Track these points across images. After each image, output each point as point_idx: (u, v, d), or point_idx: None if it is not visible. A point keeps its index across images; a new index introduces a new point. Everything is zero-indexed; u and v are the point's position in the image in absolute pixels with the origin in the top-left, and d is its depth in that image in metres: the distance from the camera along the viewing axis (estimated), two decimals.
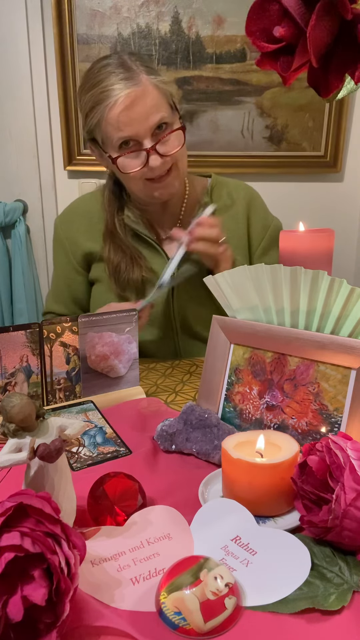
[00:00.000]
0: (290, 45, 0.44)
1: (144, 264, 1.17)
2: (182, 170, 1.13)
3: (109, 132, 1.05)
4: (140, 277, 1.16)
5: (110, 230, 1.18)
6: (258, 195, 1.28)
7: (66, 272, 1.25)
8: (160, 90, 1.05)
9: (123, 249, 1.17)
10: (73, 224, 1.23)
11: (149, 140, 1.04)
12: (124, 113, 1.02)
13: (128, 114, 1.02)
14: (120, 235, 1.17)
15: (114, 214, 1.19)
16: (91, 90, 1.05)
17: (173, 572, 0.49)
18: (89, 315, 0.86)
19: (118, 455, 0.75)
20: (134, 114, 1.02)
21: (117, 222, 1.18)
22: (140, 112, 1.02)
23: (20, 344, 0.81)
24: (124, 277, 1.16)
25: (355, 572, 0.51)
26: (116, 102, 1.02)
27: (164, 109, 1.05)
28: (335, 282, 0.68)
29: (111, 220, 1.19)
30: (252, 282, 0.75)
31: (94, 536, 0.56)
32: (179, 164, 1.10)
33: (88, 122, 1.08)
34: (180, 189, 1.16)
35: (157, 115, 1.03)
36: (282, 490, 0.59)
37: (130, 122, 1.02)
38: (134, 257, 1.16)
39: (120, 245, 1.17)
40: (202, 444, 0.73)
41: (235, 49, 1.81)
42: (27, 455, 0.52)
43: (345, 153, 1.95)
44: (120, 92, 1.01)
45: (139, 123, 1.02)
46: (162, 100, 1.05)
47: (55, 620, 0.43)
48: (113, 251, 1.17)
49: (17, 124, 1.87)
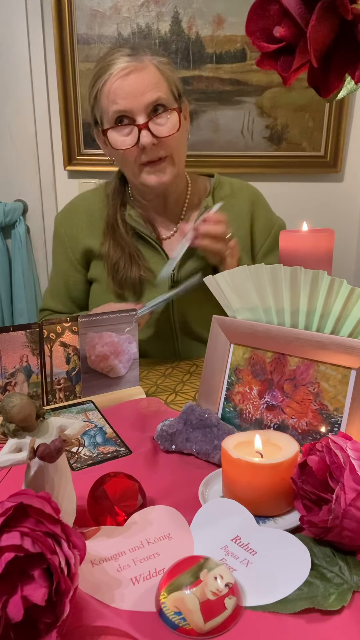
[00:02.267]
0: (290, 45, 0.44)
1: (143, 263, 1.17)
2: (178, 163, 1.12)
3: (104, 105, 1.05)
4: (139, 275, 1.16)
5: (111, 225, 1.18)
6: (261, 195, 1.27)
7: (65, 268, 1.25)
8: (162, 72, 1.05)
9: (122, 246, 1.16)
10: (73, 220, 1.23)
11: (143, 117, 1.03)
12: (118, 83, 1.02)
13: (122, 86, 1.02)
14: (121, 232, 1.17)
15: (116, 209, 1.18)
16: (98, 68, 1.07)
17: (173, 572, 0.49)
18: (89, 315, 0.86)
19: (118, 455, 0.75)
20: (129, 87, 1.02)
21: (119, 218, 1.18)
22: (135, 86, 1.02)
23: (20, 344, 0.81)
24: (122, 275, 1.16)
25: (355, 572, 0.51)
26: (112, 74, 1.03)
27: (162, 91, 1.04)
28: (335, 282, 0.68)
29: (113, 215, 1.18)
30: (252, 282, 0.75)
31: (94, 536, 0.56)
32: (175, 156, 1.09)
33: (90, 100, 1.09)
34: (175, 183, 1.16)
35: (154, 94, 1.03)
36: (282, 490, 0.59)
37: (124, 95, 1.02)
38: (133, 256, 1.16)
39: (120, 242, 1.17)
40: (202, 444, 0.73)
41: (235, 49, 1.81)
42: (27, 455, 0.52)
43: (345, 153, 1.95)
44: (118, 64, 1.03)
45: (134, 97, 1.02)
46: (162, 82, 1.05)
47: (55, 620, 0.43)
48: (113, 248, 1.17)
49: (17, 124, 1.87)
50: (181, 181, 1.20)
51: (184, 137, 1.13)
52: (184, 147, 1.14)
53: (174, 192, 1.18)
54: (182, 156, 1.13)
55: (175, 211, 1.21)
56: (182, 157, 1.14)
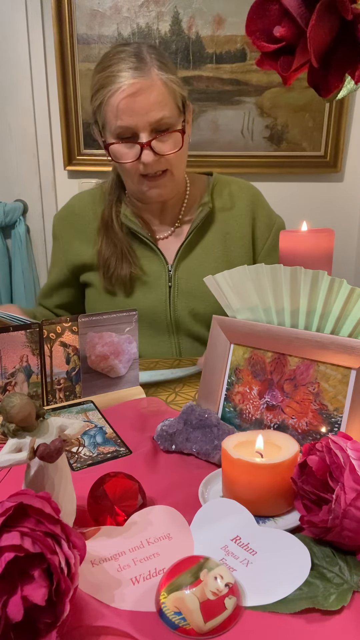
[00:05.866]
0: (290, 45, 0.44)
1: (135, 261, 1.17)
2: (178, 177, 1.12)
3: (108, 118, 1.05)
4: (129, 273, 1.16)
5: (106, 222, 1.18)
6: (260, 193, 1.27)
7: (59, 271, 1.26)
8: (169, 89, 1.04)
9: (116, 243, 1.17)
10: (71, 224, 1.24)
11: (146, 135, 1.03)
12: (125, 102, 1.01)
13: (129, 104, 1.01)
14: (116, 229, 1.17)
15: (112, 206, 1.19)
16: (100, 72, 1.05)
17: (173, 572, 0.49)
18: (89, 315, 0.86)
19: (118, 455, 0.75)
20: (135, 104, 1.01)
21: (114, 215, 1.18)
22: (141, 104, 1.01)
23: (20, 344, 0.81)
24: (113, 272, 1.17)
25: (355, 572, 0.51)
26: (119, 89, 1.01)
27: (168, 109, 1.03)
28: (335, 282, 0.68)
29: (109, 212, 1.18)
30: (252, 282, 0.75)
31: (94, 536, 0.56)
32: (175, 171, 1.10)
33: (93, 104, 1.08)
34: (174, 193, 1.16)
35: (159, 113, 1.02)
36: (282, 490, 0.59)
37: (129, 113, 1.02)
38: (125, 254, 1.16)
39: (113, 239, 1.17)
40: (202, 444, 0.73)
41: (235, 49, 1.81)
42: (27, 455, 0.52)
43: (345, 153, 1.95)
44: (125, 80, 1.01)
45: (139, 116, 1.02)
46: (168, 99, 1.04)
47: (55, 620, 0.43)
48: (105, 245, 1.17)
49: (17, 124, 1.87)
50: (180, 184, 1.20)
51: (185, 151, 1.13)
52: (184, 159, 1.14)
53: (173, 197, 1.18)
54: (182, 168, 1.14)
55: (174, 212, 1.21)
56: (182, 169, 1.14)
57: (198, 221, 1.17)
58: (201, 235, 1.19)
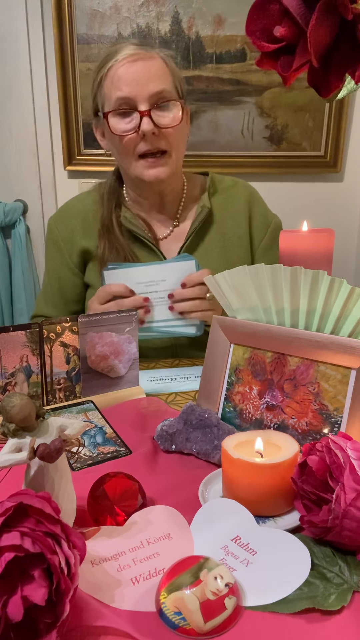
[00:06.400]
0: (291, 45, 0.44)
1: None
2: (176, 160, 1.12)
3: (108, 90, 1.06)
4: None
5: (106, 226, 1.18)
6: (257, 192, 1.27)
7: (60, 273, 1.25)
8: (169, 66, 1.06)
9: (117, 248, 1.16)
10: (68, 223, 1.23)
11: (145, 105, 1.04)
12: (125, 69, 1.03)
13: (128, 72, 1.03)
14: (117, 233, 1.17)
15: (111, 210, 1.18)
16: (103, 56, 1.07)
17: (173, 572, 0.49)
18: (89, 315, 0.86)
19: (118, 455, 0.75)
20: (134, 74, 1.02)
21: (114, 219, 1.18)
22: (141, 74, 1.03)
23: (20, 344, 0.81)
24: None
25: (355, 572, 0.51)
26: (119, 60, 1.03)
27: (167, 83, 1.05)
28: (335, 282, 0.68)
29: (108, 216, 1.18)
30: (252, 282, 0.75)
31: (94, 536, 0.56)
32: (173, 153, 1.09)
33: (94, 88, 1.09)
34: (173, 180, 1.16)
35: (159, 85, 1.03)
36: (282, 490, 0.59)
37: (129, 82, 1.03)
38: (128, 259, 1.16)
39: (115, 244, 1.16)
40: (202, 444, 0.73)
41: (235, 49, 1.81)
42: (27, 455, 0.52)
43: (345, 153, 1.95)
44: (126, 51, 1.03)
45: (138, 84, 1.03)
46: (168, 75, 1.06)
47: (55, 620, 0.43)
48: (108, 250, 1.17)
49: (17, 124, 1.87)
50: (178, 180, 1.20)
51: (184, 135, 1.13)
52: (183, 146, 1.14)
53: (171, 192, 1.18)
54: (180, 154, 1.13)
55: (172, 210, 1.21)
56: (180, 155, 1.14)
57: (197, 223, 1.17)
58: (200, 236, 1.20)
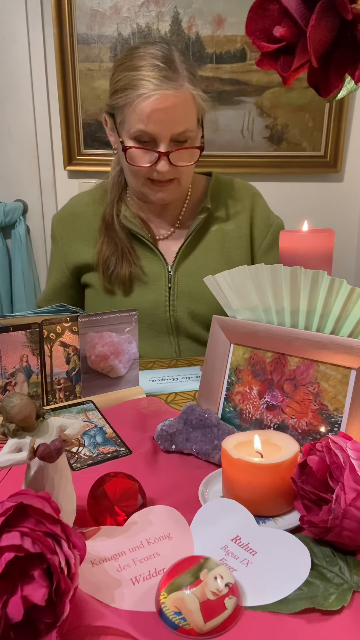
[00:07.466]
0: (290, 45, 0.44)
1: (135, 261, 1.17)
2: (184, 185, 1.14)
3: (132, 120, 1.03)
4: (129, 272, 1.16)
5: (107, 221, 1.18)
6: (259, 193, 1.28)
7: (57, 272, 1.26)
8: (196, 104, 1.04)
9: (116, 242, 1.17)
10: (70, 225, 1.23)
11: (166, 145, 1.03)
12: (155, 111, 1.00)
13: (158, 114, 1.00)
14: (116, 228, 1.17)
15: (113, 204, 1.19)
16: (128, 71, 1.02)
17: (173, 572, 0.49)
18: (89, 315, 0.86)
19: (118, 455, 0.75)
20: (164, 116, 1.01)
21: (114, 214, 1.18)
22: (170, 117, 1.01)
23: (20, 344, 0.81)
24: (112, 271, 1.17)
25: (355, 572, 0.51)
26: (151, 97, 0.99)
27: (191, 123, 1.04)
28: (335, 282, 0.68)
29: (110, 211, 1.18)
30: (252, 282, 0.75)
31: (94, 536, 0.56)
32: (182, 180, 1.11)
33: (113, 100, 1.06)
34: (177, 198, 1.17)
35: (183, 126, 1.03)
36: (282, 490, 0.59)
37: (156, 122, 1.01)
38: (125, 253, 1.16)
39: (114, 238, 1.17)
40: (202, 444, 0.73)
41: (235, 49, 1.81)
42: (27, 455, 0.52)
43: (345, 153, 1.95)
44: (158, 88, 0.99)
45: (165, 127, 1.02)
46: (193, 113, 1.04)
47: (55, 620, 0.43)
48: (106, 244, 1.17)
49: (17, 124, 1.87)
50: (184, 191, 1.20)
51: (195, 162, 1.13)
52: (193, 169, 1.14)
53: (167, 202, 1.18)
54: (189, 178, 1.15)
55: (174, 214, 1.22)
56: (189, 179, 1.15)
57: (198, 223, 1.17)
58: (201, 236, 1.20)
